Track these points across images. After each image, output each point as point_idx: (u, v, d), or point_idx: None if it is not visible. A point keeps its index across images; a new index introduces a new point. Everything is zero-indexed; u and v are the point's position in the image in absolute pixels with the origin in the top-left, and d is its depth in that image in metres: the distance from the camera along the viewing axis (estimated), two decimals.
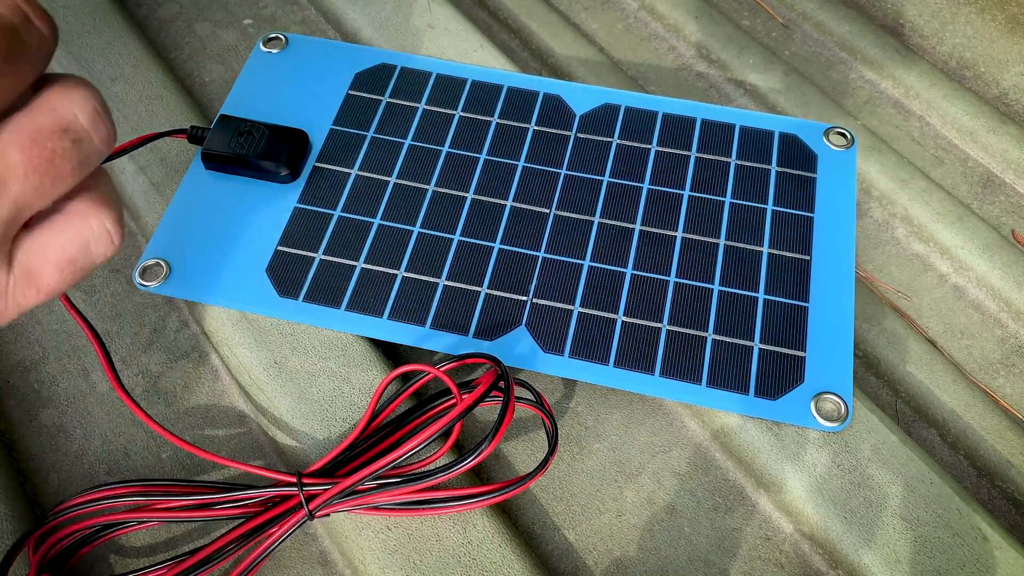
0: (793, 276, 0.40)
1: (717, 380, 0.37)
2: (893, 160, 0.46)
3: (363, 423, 0.34)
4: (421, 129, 0.45)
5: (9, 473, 0.36)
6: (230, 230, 0.41)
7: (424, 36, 0.51)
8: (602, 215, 0.42)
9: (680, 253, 0.41)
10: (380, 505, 0.34)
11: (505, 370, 0.34)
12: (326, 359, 0.39)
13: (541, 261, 0.41)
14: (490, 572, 0.34)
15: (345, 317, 0.39)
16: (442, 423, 0.32)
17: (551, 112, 0.46)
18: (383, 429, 0.35)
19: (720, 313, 0.39)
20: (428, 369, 0.35)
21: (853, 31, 0.53)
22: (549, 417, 0.35)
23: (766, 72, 0.51)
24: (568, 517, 0.36)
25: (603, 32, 0.55)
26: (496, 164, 0.44)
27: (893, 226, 0.45)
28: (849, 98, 0.51)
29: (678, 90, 0.52)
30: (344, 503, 0.33)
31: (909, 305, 0.43)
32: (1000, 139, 0.48)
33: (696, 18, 0.54)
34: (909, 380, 0.40)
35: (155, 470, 0.37)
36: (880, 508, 0.35)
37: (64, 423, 0.38)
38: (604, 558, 0.35)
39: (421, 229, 0.42)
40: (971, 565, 0.34)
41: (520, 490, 0.34)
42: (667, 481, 0.37)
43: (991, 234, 0.44)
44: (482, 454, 0.33)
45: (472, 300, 0.39)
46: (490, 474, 0.37)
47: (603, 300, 0.39)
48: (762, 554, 0.35)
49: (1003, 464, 0.38)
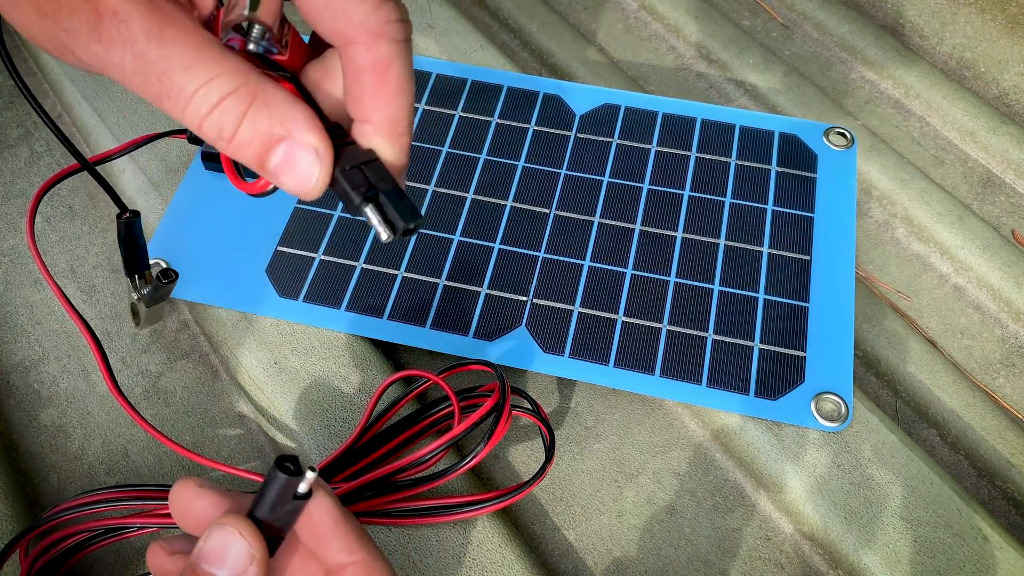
0: (793, 276, 0.40)
1: (717, 380, 0.37)
2: (893, 160, 0.46)
3: (359, 429, 0.34)
4: (421, 129, 0.45)
5: (9, 473, 0.36)
6: (230, 230, 0.41)
7: (424, 36, 0.51)
8: (602, 215, 0.42)
9: (680, 253, 0.41)
10: (375, 512, 0.34)
11: (503, 377, 0.34)
12: (326, 359, 0.39)
13: (541, 261, 0.41)
14: (490, 572, 0.34)
15: (345, 317, 0.39)
16: (440, 442, 0.33)
17: (551, 112, 0.46)
18: (382, 435, 0.35)
19: (720, 313, 0.39)
20: (427, 376, 0.35)
21: (853, 31, 0.53)
22: (546, 426, 0.35)
23: (766, 72, 0.51)
24: (568, 517, 0.36)
25: (603, 32, 0.55)
26: (496, 164, 0.44)
27: (893, 226, 0.45)
28: (849, 98, 0.51)
29: (678, 90, 0.52)
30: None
31: (909, 305, 0.43)
32: (1000, 139, 0.48)
33: (696, 18, 0.54)
34: (909, 380, 0.40)
35: (155, 470, 0.37)
36: (880, 508, 0.35)
37: (64, 423, 0.38)
38: (604, 558, 0.35)
39: (421, 229, 0.42)
40: (971, 565, 0.34)
41: (517, 498, 0.34)
42: (667, 481, 0.37)
43: (991, 234, 0.44)
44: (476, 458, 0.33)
45: (472, 300, 0.39)
46: (491, 475, 0.37)
47: (603, 300, 0.39)
48: (762, 554, 0.35)
49: (1003, 464, 0.38)
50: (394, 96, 0.23)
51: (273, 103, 0.21)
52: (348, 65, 0.22)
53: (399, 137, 0.23)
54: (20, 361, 0.40)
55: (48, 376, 0.40)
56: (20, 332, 0.41)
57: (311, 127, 0.21)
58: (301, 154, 0.21)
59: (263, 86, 0.21)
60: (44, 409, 0.39)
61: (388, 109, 0.23)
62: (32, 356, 0.40)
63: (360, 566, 0.24)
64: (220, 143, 0.21)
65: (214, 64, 0.20)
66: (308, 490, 0.23)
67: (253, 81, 0.21)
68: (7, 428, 0.38)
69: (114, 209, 0.31)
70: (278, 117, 0.21)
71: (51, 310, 0.42)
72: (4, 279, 0.43)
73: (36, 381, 0.40)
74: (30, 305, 0.42)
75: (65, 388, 0.39)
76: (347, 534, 0.24)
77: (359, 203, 0.22)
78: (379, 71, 0.22)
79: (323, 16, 0.22)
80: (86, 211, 0.45)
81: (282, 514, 0.23)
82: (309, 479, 0.23)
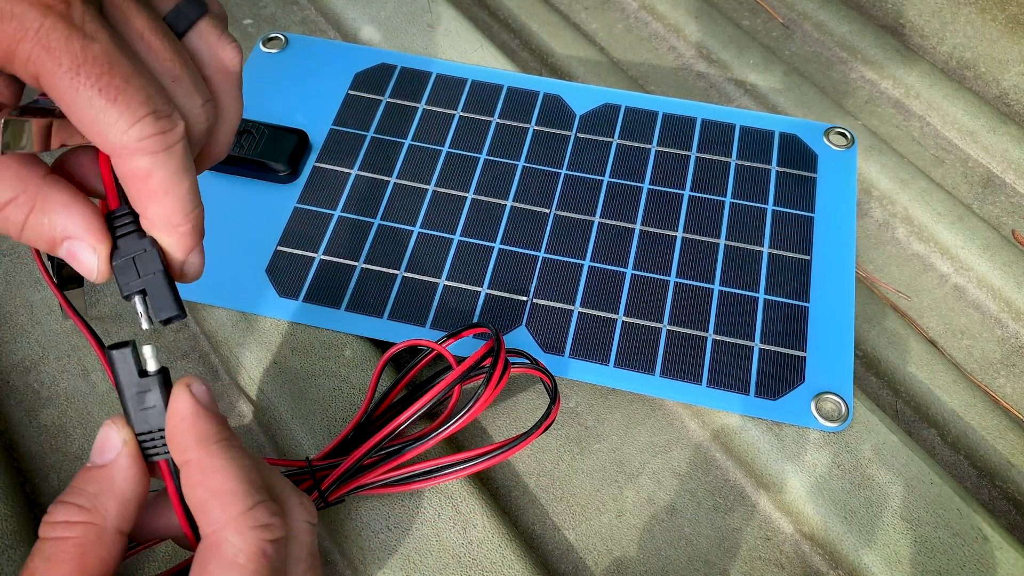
0: (793, 276, 0.40)
1: (717, 380, 0.37)
2: (893, 160, 0.46)
3: (366, 404, 0.35)
4: (421, 129, 0.45)
5: (9, 473, 0.36)
6: (230, 230, 0.41)
7: (424, 36, 0.51)
8: (602, 215, 0.42)
9: (680, 253, 0.41)
10: (391, 481, 0.33)
11: (498, 333, 0.34)
12: (326, 359, 0.39)
13: (541, 261, 0.41)
14: (490, 572, 0.34)
15: (345, 317, 0.39)
16: (439, 387, 0.33)
17: (551, 112, 0.46)
18: (388, 411, 0.35)
19: (720, 313, 0.39)
20: (431, 345, 0.35)
21: (853, 31, 0.53)
22: (546, 374, 0.35)
23: (766, 72, 0.51)
24: (568, 517, 0.36)
25: (603, 32, 0.55)
26: (496, 164, 0.44)
27: (893, 226, 0.45)
28: (849, 98, 0.51)
29: (678, 90, 0.52)
30: (355, 481, 0.33)
31: (909, 305, 0.43)
32: (1000, 139, 0.48)
33: (696, 18, 0.54)
34: (909, 380, 0.40)
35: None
36: (880, 508, 0.35)
37: (64, 423, 0.38)
38: (604, 558, 0.35)
39: (421, 229, 0.42)
40: (971, 565, 0.34)
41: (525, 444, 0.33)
42: (667, 481, 0.37)
43: (991, 234, 0.44)
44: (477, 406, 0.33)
45: (472, 300, 0.39)
46: (490, 474, 0.37)
47: (603, 300, 0.39)
48: (762, 554, 0.35)
49: (1003, 464, 0.38)
50: (161, 198, 0.24)
51: (52, 209, 0.24)
52: (118, 171, 0.24)
53: (175, 229, 0.25)
54: (20, 361, 0.40)
55: (48, 376, 0.40)
56: (20, 332, 0.41)
57: (87, 229, 0.24)
58: (80, 250, 0.24)
59: (43, 193, 0.24)
60: (44, 409, 0.39)
61: (157, 208, 0.24)
62: (32, 356, 0.40)
63: (192, 464, 0.25)
64: (12, 236, 0.24)
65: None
66: (158, 368, 0.26)
67: (32, 189, 0.23)
68: (7, 428, 0.38)
69: None
70: (58, 222, 0.24)
71: (51, 310, 0.42)
72: (4, 279, 0.43)
73: (36, 381, 0.40)
74: (30, 305, 0.42)
75: (65, 388, 0.39)
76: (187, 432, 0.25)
77: (124, 296, 0.25)
78: (140, 179, 0.23)
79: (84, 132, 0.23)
80: None
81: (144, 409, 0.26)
82: (148, 353, 0.26)
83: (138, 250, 0.25)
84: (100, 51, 0.21)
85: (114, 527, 0.24)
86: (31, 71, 0.22)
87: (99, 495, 0.24)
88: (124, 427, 0.25)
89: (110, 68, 0.22)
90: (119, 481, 0.25)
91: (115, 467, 0.25)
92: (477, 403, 0.33)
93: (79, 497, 0.24)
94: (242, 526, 0.23)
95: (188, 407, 0.25)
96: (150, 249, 0.25)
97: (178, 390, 0.25)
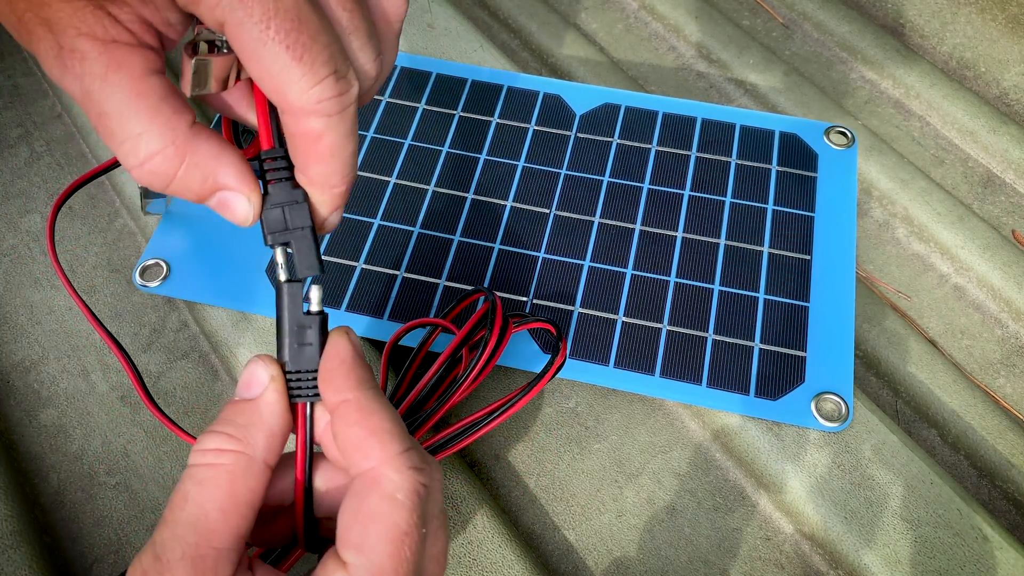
0: (793, 276, 0.40)
1: (717, 380, 0.37)
2: (893, 160, 0.46)
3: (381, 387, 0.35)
4: (421, 129, 0.45)
5: (9, 473, 0.36)
6: (230, 230, 0.41)
7: (424, 36, 0.51)
8: (602, 215, 0.42)
9: (680, 253, 0.41)
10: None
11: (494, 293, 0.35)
12: None
13: (541, 261, 0.41)
14: (490, 572, 0.34)
15: (345, 317, 0.39)
16: (446, 353, 0.33)
17: (551, 112, 0.46)
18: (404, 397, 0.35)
19: (720, 313, 0.39)
20: (436, 321, 0.36)
21: (853, 31, 0.53)
22: (550, 323, 0.35)
23: (766, 72, 0.51)
24: (568, 517, 0.36)
25: (603, 32, 0.55)
26: (496, 164, 0.44)
27: (893, 226, 0.45)
28: (849, 98, 0.51)
29: (678, 90, 0.52)
30: None
31: (909, 305, 0.43)
32: (1000, 139, 0.48)
33: (696, 18, 0.54)
34: (909, 380, 0.40)
35: (155, 470, 0.37)
36: (880, 508, 0.35)
37: (64, 423, 0.38)
38: (604, 558, 0.35)
39: (421, 229, 0.42)
40: (971, 565, 0.34)
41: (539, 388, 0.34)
42: (667, 481, 0.37)
43: (991, 234, 0.44)
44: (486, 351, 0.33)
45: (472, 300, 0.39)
46: (490, 474, 0.37)
47: (603, 300, 0.39)
48: (762, 554, 0.35)
49: (1003, 464, 0.38)
50: (327, 159, 0.24)
51: (203, 160, 0.23)
52: (285, 126, 0.23)
53: (330, 189, 0.24)
54: (20, 361, 0.40)
55: (48, 376, 0.40)
56: (20, 332, 0.41)
57: (241, 179, 0.24)
58: (233, 200, 0.24)
59: (192, 144, 0.22)
60: (44, 409, 0.39)
61: (320, 168, 0.24)
62: (32, 356, 0.40)
63: (352, 404, 0.24)
64: (157, 188, 0.23)
65: (145, 119, 0.22)
66: (319, 309, 0.25)
67: (181, 140, 0.22)
68: (7, 428, 0.38)
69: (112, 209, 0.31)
70: (209, 173, 0.23)
71: (51, 310, 0.42)
72: (4, 279, 0.43)
73: (36, 381, 0.40)
74: (30, 305, 0.42)
75: (65, 388, 0.39)
76: (347, 375, 0.25)
77: (268, 244, 0.25)
78: (310, 139, 0.23)
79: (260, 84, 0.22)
80: (86, 211, 0.45)
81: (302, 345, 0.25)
82: (315, 294, 0.25)
83: (290, 200, 0.24)
84: (291, 2, 0.21)
85: (262, 459, 0.24)
86: (217, 17, 0.21)
87: (248, 426, 0.24)
88: (271, 364, 0.25)
89: (299, 23, 0.21)
90: (266, 415, 0.25)
91: (262, 401, 0.25)
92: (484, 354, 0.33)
93: (229, 427, 0.24)
94: (400, 464, 0.24)
95: (349, 351, 0.25)
96: (302, 202, 0.24)
97: (339, 334, 0.25)
